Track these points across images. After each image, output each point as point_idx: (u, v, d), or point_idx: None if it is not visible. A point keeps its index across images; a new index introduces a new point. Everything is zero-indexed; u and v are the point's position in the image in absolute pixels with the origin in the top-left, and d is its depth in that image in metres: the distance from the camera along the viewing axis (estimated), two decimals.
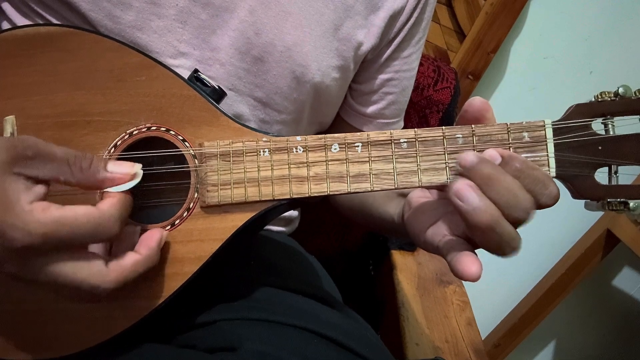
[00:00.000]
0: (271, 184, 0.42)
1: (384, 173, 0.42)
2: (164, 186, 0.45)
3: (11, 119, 0.43)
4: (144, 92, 0.44)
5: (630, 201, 0.41)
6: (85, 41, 0.44)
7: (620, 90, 0.41)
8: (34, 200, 0.34)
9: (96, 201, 0.38)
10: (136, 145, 0.44)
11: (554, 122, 0.41)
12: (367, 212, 0.63)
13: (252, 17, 0.52)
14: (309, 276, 0.67)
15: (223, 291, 0.51)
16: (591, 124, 0.41)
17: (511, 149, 0.41)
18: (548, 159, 0.41)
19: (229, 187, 0.42)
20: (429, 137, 0.42)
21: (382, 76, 0.64)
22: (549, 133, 0.41)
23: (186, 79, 0.45)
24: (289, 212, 0.72)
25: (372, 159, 0.42)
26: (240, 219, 0.43)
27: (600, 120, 0.41)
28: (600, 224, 1.26)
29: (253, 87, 0.56)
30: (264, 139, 0.43)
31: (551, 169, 0.41)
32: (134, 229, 0.41)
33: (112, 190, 0.37)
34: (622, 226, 1.18)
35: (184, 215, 0.43)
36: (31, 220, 0.32)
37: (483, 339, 1.15)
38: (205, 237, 0.43)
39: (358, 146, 0.42)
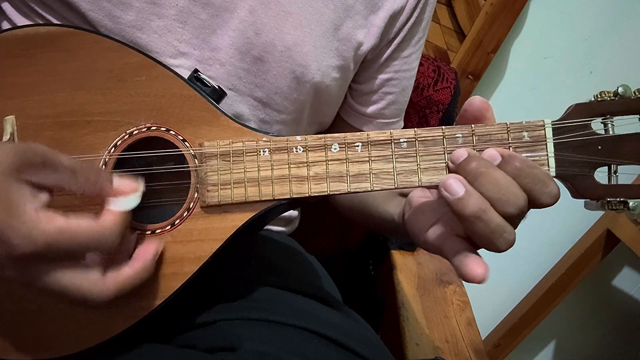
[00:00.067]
0: (271, 183, 0.42)
1: (384, 173, 0.42)
2: (164, 186, 0.45)
3: (11, 119, 0.43)
4: (144, 92, 0.44)
5: (629, 200, 0.41)
6: (85, 41, 0.44)
7: (620, 89, 0.41)
8: (39, 207, 0.34)
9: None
10: (136, 145, 0.44)
11: (553, 121, 0.41)
12: (367, 211, 0.63)
13: (252, 17, 0.52)
14: (309, 276, 0.67)
15: (223, 291, 0.51)
16: (591, 123, 0.41)
17: (511, 148, 0.41)
18: (548, 159, 0.41)
19: (229, 187, 0.42)
20: (429, 136, 0.42)
21: (382, 76, 0.64)
22: (549, 133, 0.41)
23: (186, 79, 0.45)
24: (289, 212, 0.72)
25: (372, 158, 0.42)
26: (240, 218, 0.43)
27: (600, 119, 0.41)
28: (600, 223, 1.26)
29: (253, 87, 0.56)
30: (264, 139, 0.43)
31: (551, 169, 0.41)
32: (131, 237, 0.41)
33: (115, 208, 0.38)
34: (622, 226, 1.18)
35: (184, 215, 0.43)
36: (35, 228, 0.33)
37: (483, 339, 1.15)
38: (205, 237, 0.43)
39: (358, 146, 0.42)
